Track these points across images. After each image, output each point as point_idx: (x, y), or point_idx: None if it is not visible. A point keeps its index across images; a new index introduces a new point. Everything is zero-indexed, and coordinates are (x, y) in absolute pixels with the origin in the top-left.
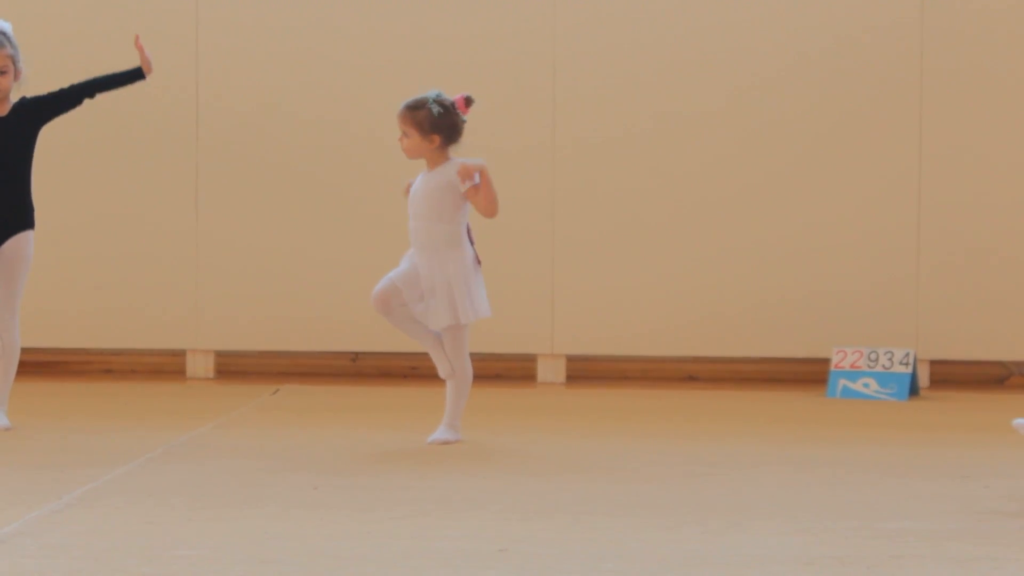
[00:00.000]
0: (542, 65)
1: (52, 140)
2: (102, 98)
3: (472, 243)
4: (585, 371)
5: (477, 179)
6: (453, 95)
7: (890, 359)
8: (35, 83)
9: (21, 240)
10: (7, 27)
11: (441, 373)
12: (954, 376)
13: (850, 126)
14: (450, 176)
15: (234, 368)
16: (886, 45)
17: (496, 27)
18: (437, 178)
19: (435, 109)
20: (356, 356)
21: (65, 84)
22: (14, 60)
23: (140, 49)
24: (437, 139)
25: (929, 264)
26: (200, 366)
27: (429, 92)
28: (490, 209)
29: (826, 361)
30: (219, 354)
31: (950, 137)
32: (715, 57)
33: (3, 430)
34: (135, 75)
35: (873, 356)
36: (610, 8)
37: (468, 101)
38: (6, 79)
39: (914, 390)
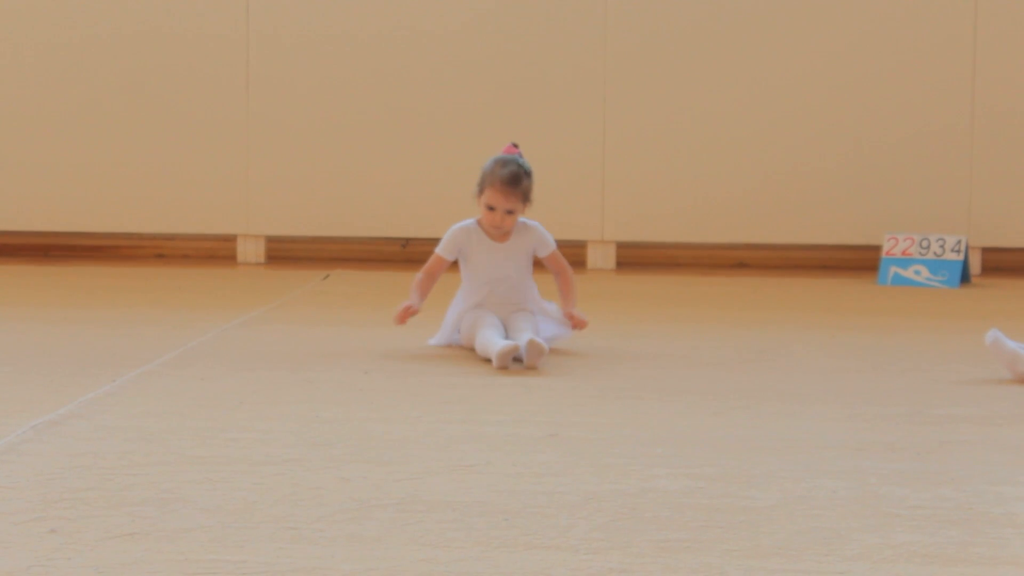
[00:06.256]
0: None
1: (105, 32)
2: None
3: None
4: (635, 258)
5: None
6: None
7: (942, 246)
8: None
9: None
10: None
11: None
12: (1006, 263)
13: (905, 8)
14: (528, 239)
15: (285, 253)
16: None
17: None
18: (518, 244)
19: (530, 172)
20: (406, 242)
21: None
22: None
23: None
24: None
25: (982, 151)
26: (251, 251)
27: (505, 158)
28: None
29: (877, 248)
30: (270, 239)
31: (1005, 18)
32: None
33: None
34: None
35: (925, 243)
36: None
37: (516, 146)
38: None
39: (965, 277)
